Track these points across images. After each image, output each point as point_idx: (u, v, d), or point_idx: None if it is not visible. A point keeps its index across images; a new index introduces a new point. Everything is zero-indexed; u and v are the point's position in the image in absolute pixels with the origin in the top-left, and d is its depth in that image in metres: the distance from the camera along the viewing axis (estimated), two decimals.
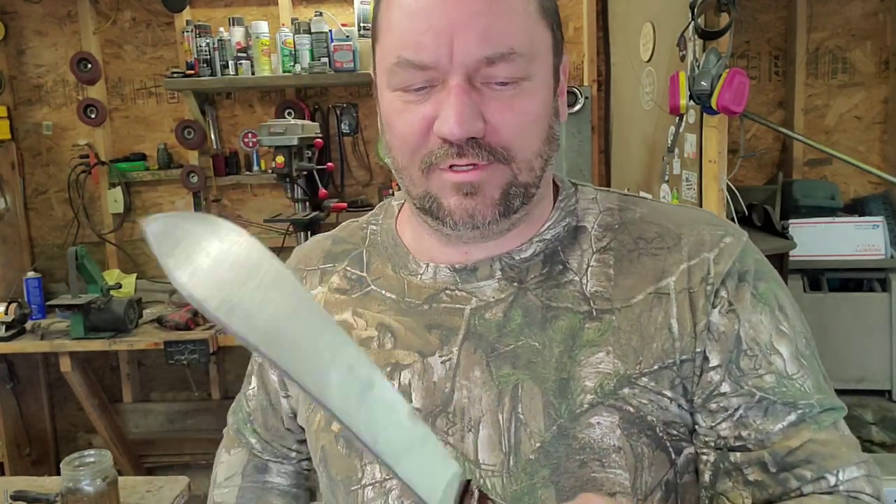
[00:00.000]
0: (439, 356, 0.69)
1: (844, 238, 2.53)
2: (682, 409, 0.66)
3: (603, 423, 0.64)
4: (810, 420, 0.65)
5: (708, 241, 0.69)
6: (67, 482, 1.33)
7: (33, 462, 3.31)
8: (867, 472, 0.65)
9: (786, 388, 0.66)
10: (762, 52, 2.96)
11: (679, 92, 1.79)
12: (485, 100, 0.62)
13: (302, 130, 2.77)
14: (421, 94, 0.63)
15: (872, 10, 2.89)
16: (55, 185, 3.36)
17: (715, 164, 1.82)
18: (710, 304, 0.67)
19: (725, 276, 0.67)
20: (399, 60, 0.62)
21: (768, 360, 0.66)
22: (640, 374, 0.65)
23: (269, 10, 3.17)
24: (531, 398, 0.65)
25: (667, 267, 0.68)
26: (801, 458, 0.64)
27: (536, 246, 0.71)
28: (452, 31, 0.60)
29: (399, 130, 0.65)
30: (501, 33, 0.60)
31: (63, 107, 3.32)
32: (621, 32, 2.67)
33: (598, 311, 0.67)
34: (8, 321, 2.83)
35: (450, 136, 0.61)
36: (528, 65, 0.62)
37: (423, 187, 0.66)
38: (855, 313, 2.49)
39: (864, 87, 2.93)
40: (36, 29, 3.26)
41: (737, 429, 0.66)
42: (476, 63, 0.61)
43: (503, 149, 0.63)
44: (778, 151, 3.02)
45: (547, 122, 0.66)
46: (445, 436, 0.67)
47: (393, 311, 0.73)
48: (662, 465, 0.66)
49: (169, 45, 3.25)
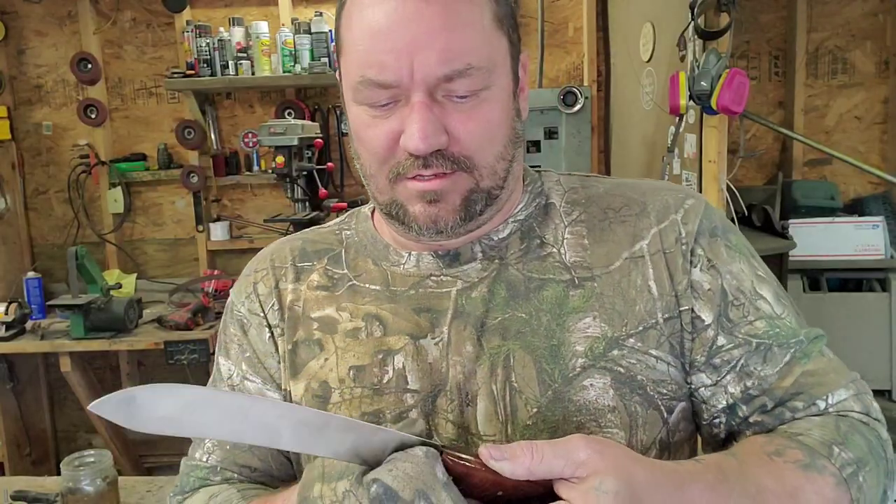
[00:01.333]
0: (431, 338, 0.71)
1: (844, 238, 2.53)
2: (670, 367, 0.70)
3: (596, 385, 0.68)
4: (801, 355, 0.70)
5: (672, 204, 0.74)
6: (67, 482, 1.33)
7: (33, 462, 3.31)
8: (855, 391, 0.70)
9: (778, 329, 0.70)
10: (762, 52, 2.96)
11: (679, 92, 1.79)
12: (446, 112, 0.65)
13: (302, 130, 2.77)
14: (386, 110, 0.66)
15: (872, 10, 2.89)
16: (55, 185, 3.36)
17: (715, 164, 1.82)
18: (688, 263, 0.71)
19: (697, 234, 0.72)
20: (363, 79, 0.65)
21: (755, 307, 0.71)
22: (627, 336, 0.69)
23: (269, 11, 3.17)
24: (523, 366, 0.69)
25: (637, 231, 0.73)
26: (792, 392, 0.69)
27: (512, 226, 0.75)
28: (413, 52, 0.63)
29: (367, 143, 0.68)
30: (459, 51, 0.63)
31: (63, 107, 3.32)
32: (621, 32, 2.67)
33: (580, 279, 0.71)
34: (8, 321, 2.83)
35: (415, 151, 0.64)
36: (486, 76, 0.66)
37: (389, 195, 0.70)
38: (855, 313, 2.49)
39: (864, 87, 2.93)
40: (36, 29, 3.26)
41: (741, 380, 0.70)
42: (436, 80, 0.64)
43: (466, 158, 0.67)
44: (778, 151, 3.02)
45: (508, 124, 0.70)
46: (445, 414, 0.69)
47: (379, 300, 0.75)
48: (655, 423, 0.69)
49: (169, 46, 3.25)
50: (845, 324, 2.48)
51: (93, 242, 3.30)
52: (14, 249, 3.32)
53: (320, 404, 0.73)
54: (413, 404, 0.70)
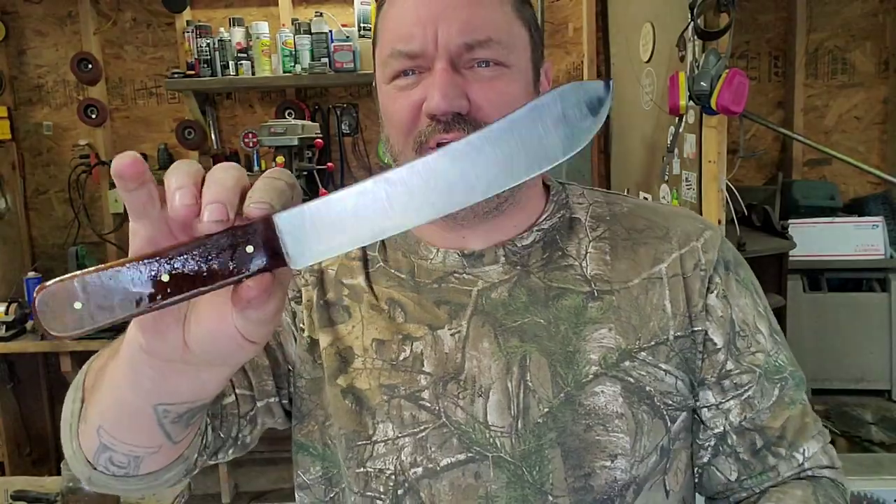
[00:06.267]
0: (448, 329, 0.74)
1: (844, 238, 2.54)
2: (677, 381, 0.73)
3: (606, 392, 0.71)
4: (787, 398, 0.76)
5: (693, 232, 0.78)
6: (67, 482, 1.33)
7: (33, 462, 3.31)
8: (822, 441, 0.77)
9: (769, 366, 0.76)
10: (762, 52, 2.96)
11: (679, 92, 1.79)
12: (468, 82, 0.69)
13: (302, 131, 2.77)
14: (411, 80, 0.70)
15: (872, 11, 2.89)
16: (56, 185, 3.37)
17: (714, 164, 1.82)
18: (705, 288, 0.75)
19: (715, 264, 0.76)
20: (392, 52, 0.70)
21: (756, 339, 0.76)
22: (640, 349, 0.72)
23: (269, 11, 3.17)
24: (539, 368, 0.71)
25: (658, 255, 0.76)
26: (777, 435, 0.75)
27: (536, 234, 0.78)
28: (437, 22, 0.68)
29: (393, 117, 0.72)
30: (481, 25, 0.69)
31: (63, 107, 3.32)
32: (621, 33, 2.67)
33: (599, 292, 0.74)
34: (8, 321, 2.83)
35: (436, 110, 0.67)
36: (506, 52, 0.70)
37: None
38: (854, 313, 2.50)
39: (864, 87, 2.93)
40: (36, 29, 3.26)
41: (744, 410, 0.75)
42: (458, 48, 0.68)
43: (486, 124, 0.66)
44: (777, 152, 3.03)
45: None
46: (456, 399, 0.72)
47: (402, 287, 0.77)
48: (659, 431, 0.72)
49: (169, 46, 3.25)
50: (845, 324, 2.49)
51: (93, 242, 3.30)
52: (14, 249, 3.32)
53: (341, 364, 0.75)
54: (426, 385, 0.72)
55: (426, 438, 0.71)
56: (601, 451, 0.69)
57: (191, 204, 0.43)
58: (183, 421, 0.58)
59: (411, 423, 0.71)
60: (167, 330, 0.47)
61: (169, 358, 0.48)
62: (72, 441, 0.65)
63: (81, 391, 0.65)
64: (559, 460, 0.69)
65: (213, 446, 0.73)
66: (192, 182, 0.43)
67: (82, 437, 0.64)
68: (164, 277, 0.42)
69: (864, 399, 2.46)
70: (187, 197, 0.43)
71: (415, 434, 0.71)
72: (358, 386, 0.74)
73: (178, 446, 0.63)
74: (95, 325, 0.41)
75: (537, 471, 0.69)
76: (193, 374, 0.51)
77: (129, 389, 0.55)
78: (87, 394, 0.63)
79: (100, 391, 0.60)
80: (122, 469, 0.62)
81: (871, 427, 2.27)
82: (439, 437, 0.71)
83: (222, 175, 0.44)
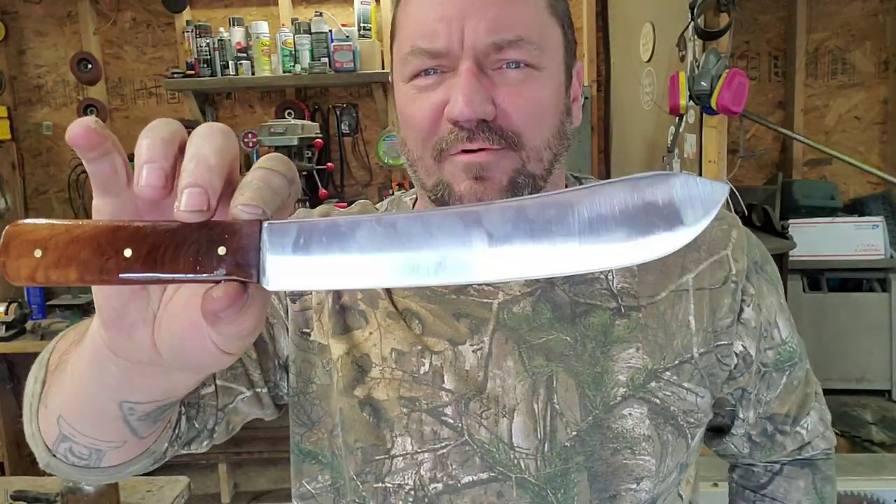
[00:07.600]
0: (470, 345, 0.70)
1: (844, 238, 2.53)
2: (698, 398, 0.71)
3: (634, 414, 0.68)
4: (795, 380, 0.78)
5: (720, 237, 0.74)
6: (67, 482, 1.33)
7: (33, 462, 3.30)
8: (819, 410, 0.82)
9: (780, 356, 0.76)
10: (762, 52, 2.96)
11: (679, 92, 1.79)
12: (495, 85, 0.63)
13: (302, 130, 2.77)
14: (433, 80, 0.64)
15: (872, 11, 2.89)
16: (55, 185, 3.36)
17: (715, 164, 1.82)
18: (737, 304, 0.72)
19: (747, 272, 0.73)
20: (413, 49, 0.64)
21: (771, 336, 0.76)
22: (665, 369, 0.70)
23: (269, 11, 3.17)
24: (566, 389, 0.69)
25: (686, 264, 0.72)
26: (784, 415, 0.79)
27: None
28: (463, 19, 0.62)
29: (412, 119, 0.66)
30: (510, 22, 0.62)
31: (63, 107, 3.32)
32: (621, 32, 2.67)
33: (626, 308, 0.71)
34: (8, 321, 2.83)
35: (459, 116, 0.61)
36: (537, 53, 0.64)
37: (435, 176, 0.66)
38: (855, 313, 2.50)
39: (864, 87, 2.93)
40: (36, 29, 3.26)
41: (756, 408, 0.78)
42: (486, 48, 0.62)
43: (513, 133, 0.64)
44: (777, 151, 3.02)
45: (558, 116, 0.67)
46: (479, 419, 0.68)
47: (419, 297, 0.73)
48: (681, 450, 0.71)
49: (169, 46, 3.25)
50: (845, 324, 2.48)
51: None
52: None
53: (358, 373, 0.71)
54: (448, 402, 0.69)
55: (447, 455, 0.68)
56: (628, 475, 0.68)
57: (158, 186, 0.36)
58: (150, 418, 0.53)
59: (432, 438, 0.69)
60: (132, 329, 0.41)
61: (136, 359, 0.43)
62: (31, 422, 0.61)
63: (45, 371, 0.59)
64: (585, 484, 0.68)
65: (185, 437, 0.68)
66: (164, 156, 0.37)
67: (42, 421, 0.59)
68: (126, 252, 0.36)
69: (864, 399, 2.45)
70: (154, 176, 0.36)
71: (435, 450, 0.69)
72: (375, 396, 0.70)
73: (145, 441, 0.58)
74: (49, 282, 0.36)
75: (562, 493, 0.68)
76: (163, 375, 0.46)
77: (91, 383, 0.49)
78: (49, 375, 0.58)
79: (61, 378, 0.55)
80: (83, 461, 0.58)
81: (872, 427, 2.27)
82: (461, 455, 0.68)
83: (205, 147, 0.37)
